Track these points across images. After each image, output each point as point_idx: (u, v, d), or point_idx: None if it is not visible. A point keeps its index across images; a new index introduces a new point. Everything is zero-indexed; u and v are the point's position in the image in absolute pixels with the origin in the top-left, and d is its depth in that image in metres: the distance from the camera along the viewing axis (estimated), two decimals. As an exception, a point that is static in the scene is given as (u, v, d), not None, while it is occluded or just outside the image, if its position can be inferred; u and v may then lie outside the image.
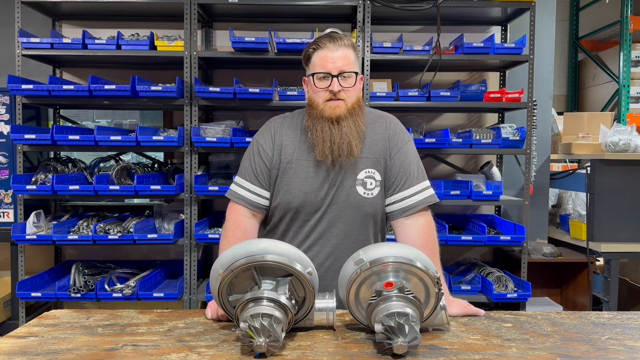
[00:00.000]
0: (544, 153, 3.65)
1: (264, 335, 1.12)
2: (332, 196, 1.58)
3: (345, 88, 1.55)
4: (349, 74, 1.55)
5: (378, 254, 1.24)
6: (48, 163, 3.17)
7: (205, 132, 3.02)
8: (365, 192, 1.59)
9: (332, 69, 1.53)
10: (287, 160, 1.60)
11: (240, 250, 1.23)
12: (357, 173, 1.59)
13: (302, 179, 1.58)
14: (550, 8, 3.64)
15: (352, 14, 3.26)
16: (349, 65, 1.55)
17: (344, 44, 1.56)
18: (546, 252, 3.41)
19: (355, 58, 1.58)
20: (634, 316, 1.46)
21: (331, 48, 1.54)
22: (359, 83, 1.60)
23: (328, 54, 1.54)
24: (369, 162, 1.60)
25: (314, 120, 1.57)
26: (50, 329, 1.32)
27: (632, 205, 3.26)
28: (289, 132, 1.64)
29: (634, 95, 4.76)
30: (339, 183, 1.58)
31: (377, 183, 1.59)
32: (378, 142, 1.62)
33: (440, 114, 3.61)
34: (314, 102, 1.58)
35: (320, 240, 1.61)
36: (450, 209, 3.59)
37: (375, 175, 1.59)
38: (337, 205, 1.59)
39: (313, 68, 1.57)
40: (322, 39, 1.57)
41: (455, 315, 1.45)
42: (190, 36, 3.03)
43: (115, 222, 3.10)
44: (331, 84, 1.53)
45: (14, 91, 2.93)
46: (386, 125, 1.64)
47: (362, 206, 1.59)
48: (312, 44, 1.58)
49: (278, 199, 1.61)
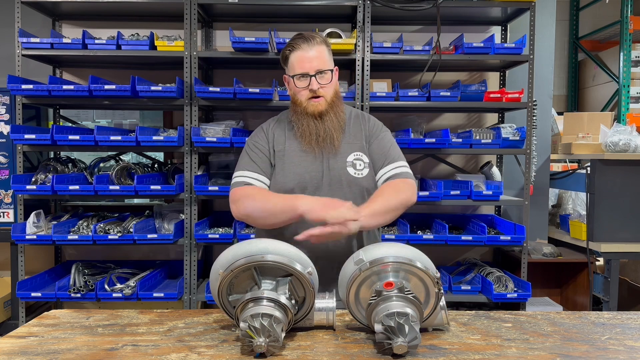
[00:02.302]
0: (544, 153, 3.65)
1: (264, 335, 1.12)
2: (326, 177, 1.69)
3: (323, 85, 1.68)
4: (325, 71, 1.67)
5: (378, 254, 1.24)
6: (48, 163, 3.16)
7: (205, 132, 3.02)
8: (356, 172, 1.70)
9: (309, 69, 1.66)
10: (279, 149, 1.73)
11: (240, 250, 1.23)
12: (346, 156, 1.71)
13: (295, 163, 1.70)
14: (550, 8, 3.64)
15: (352, 14, 3.26)
16: (324, 63, 1.68)
17: (317, 42, 1.68)
18: (546, 252, 3.41)
19: (328, 54, 1.71)
20: (634, 316, 1.46)
21: (305, 48, 1.66)
22: (334, 77, 1.71)
23: (304, 54, 1.66)
24: (355, 146, 1.74)
25: (298, 116, 1.72)
26: (50, 329, 1.32)
27: (632, 205, 3.26)
28: (279, 129, 1.78)
29: (634, 95, 4.76)
30: (331, 165, 1.69)
31: (366, 165, 1.72)
32: (358, 132, 1.77)
33: (440, 114, 3.61)
34: (297, 100, 1.72)
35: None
36: (450, 209, 3.59)
37: (363, 157, 1.73)
38: (331, 186, 1.68)
39: (292, 69, 1.70)
40: (296, 40, 1.69)
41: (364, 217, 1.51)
42: (190, 36, 3.03)
43: (115, 222, 3.10)
44: (310, 83, 1.67)
45: (14, 91, 2.93)
46: (366, 120, 1.80)
47: (356, 184, 1.70)
48: (288, 46, 1.70)
49: (274, 182, 1.71)
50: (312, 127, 1.69)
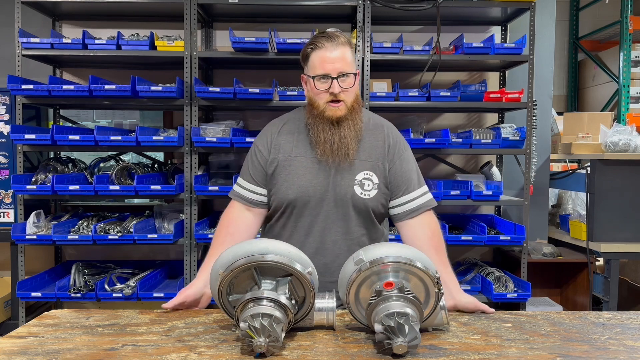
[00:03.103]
0: (544, 153, 3.65)
1: (264, 335, 1.12)
2: (330, 193, 1.61)
3: (345, 89, 1.57)
4: (348, 74, 1.57)
5: (378, 253, 1.24)
6: (48, 163, 3.17)
7: (205, 132, 3.02)
8: (363, 193, 1.61)
9: (331, 71, 1.55)
10: (284, 158, 1.64)
11: (240, 250, 1.23)
12: (355, 174, 1.62)
13: (300, 175, 1.62)
14: (550, 8, 3.64)
15: (352, 14, 3.26)
16: (347, 65, 1.57)
17: (341, 42, 1.57)
18: (546, 252, 3.41)
19: (352, 56, 1.60)
20: (634, 316, 1.46)
21: (329, 48, 1.56)
22: (357, 81, 1.62)
23: (326, 54, 1.55)
24: (368, 164, 1.63)
25: (315, 119, 1.61)
26: (50, 329, 1.32)
27: (632, 205, 3.26)
28: (287, 133, 1.68)
29: (634, 95, 4.76)
30: (337, 181, 1.61)
31: (375, 185, 1.62)
32: (378, 148, 1.65)
33: (440, 114, 3.61)
34: (315, 103, 1.61)
35: (319, 237, 1.62)
36: (450, 209, 3.59)
37: (372, 177, 1.62)
38: (334, 203, 1.61)
39: (312, 69, 1.59)
40: (320, 38, 1.58)
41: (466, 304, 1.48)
42: (190, 36, 3.03)
43: (115, 222, 3.10)
44: (331, 86, 1.56)
45: (14, 91, 2.93)
46: (386, 134, 1.68)
47: (360, 205, 1.62)
48: (310, 44, 1.59)
49: (276, 193, 1.64)
50: (327, 134, 1.58)
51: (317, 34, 1.62)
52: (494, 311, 1.49)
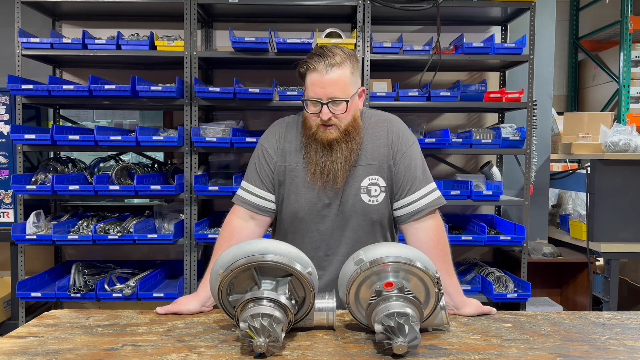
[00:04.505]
0: (544, 153, 3.65)
1: (264, 335, 1.12)
2: (338, 205, 1.57)
3: (337, 114, 1.49)
4: (340, 101, 1.48)
5: (378, 254, 1.24)
6: (48, 163, 3.16)
7: (205, 132, 3.02)
8: (370, 200, 1.57)
9: (322, 96, 1.47)
10: (292, 167, 1.58)
11: (240, 250, 1.23)
12: (361, 180, 1.56)
13: (309, 186, 1.56)
14: (550, 8, 3.64)
15: (352, 14, 3.26)
16: (340, 89, 1.47)
17: (337, 62, 1.46)
18: (546, 252, 3.41)
19: (350, 77, 1.50)
20: (634, 316, 1.46)
21: (322, 70, 1.46)
22: (354, 104, 1.53)
23: (318, 79, 1.47)
24: (372, 168, 1.57)
25: (307, 139, 1.56)
26: (50, 329, 1.32)
27: (632, 205, 3.26)
28: (293, 140, 1.61)
29: (634, 95, 4.76)
30: (344, 192, 1.56)
31: (382, 189, 1.57)
32: (380, 147, 1.58)
33: (440, 114, 3.61)
34: (307, 124, 1.55)
35: (330, 249, 1.60)
36: (450, 209, 3.59)
37: (379, 181, 1.57)
38: (343, 214, 1.57)
39: (305, 90, 1.52)
40: (314, 58, 1.48)
41: (470, 314, 1.47)
42: (190, 36, 3.03)
43: (115, 222, 3.10)
44: (321, 112, 1.48)
45: (14, 91, 2.93)
46: (388, 130, 1.60)
47: (369, 213, 1.57)
48: (304, 63, 1.51)
49: (286, 207, 1.60)
50: (319, 156, 1.52)
51: (313, 52, 1.53)
52: (497, 311, 1.49)
